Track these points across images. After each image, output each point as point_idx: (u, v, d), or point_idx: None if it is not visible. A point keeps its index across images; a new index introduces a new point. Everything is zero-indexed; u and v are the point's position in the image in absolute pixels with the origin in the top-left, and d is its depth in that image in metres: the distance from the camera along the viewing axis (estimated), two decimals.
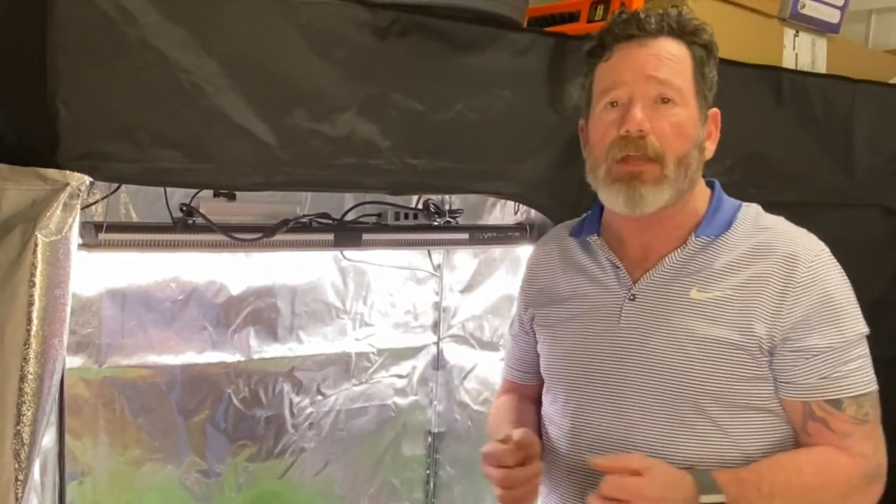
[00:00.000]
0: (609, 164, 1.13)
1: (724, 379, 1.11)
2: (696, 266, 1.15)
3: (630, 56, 1.13)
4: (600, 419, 1.17)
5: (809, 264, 1.12)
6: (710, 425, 1.12)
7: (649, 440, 1.13)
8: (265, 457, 2.04)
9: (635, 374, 1.15)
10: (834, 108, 2.02)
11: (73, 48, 1.12)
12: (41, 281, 1.09)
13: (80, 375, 1.76)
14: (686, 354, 1.12)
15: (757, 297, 1.11)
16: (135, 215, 1.74)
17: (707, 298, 1.13)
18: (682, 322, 1.13)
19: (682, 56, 1.13)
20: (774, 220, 1.20)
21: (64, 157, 1.12)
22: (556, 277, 1.28)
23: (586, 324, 1.21)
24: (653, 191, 1.10)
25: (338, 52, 1.33)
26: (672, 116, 1.11)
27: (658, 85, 1.11)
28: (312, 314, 2.07)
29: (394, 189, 1.49)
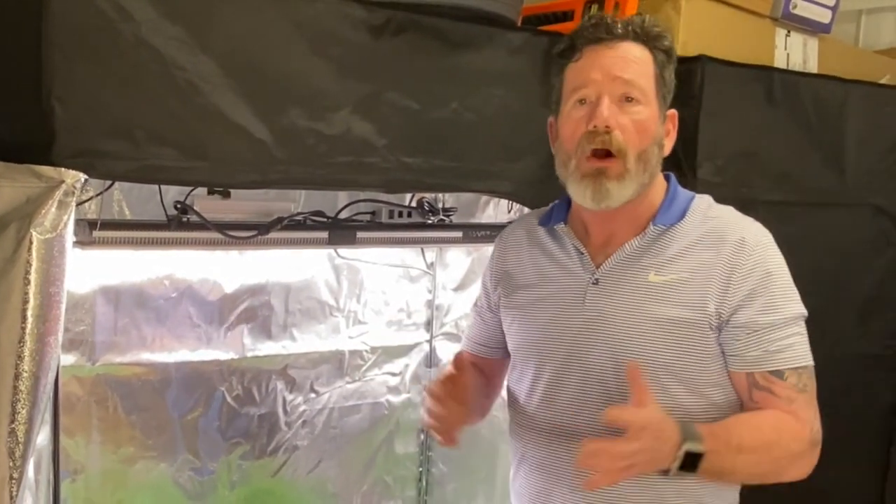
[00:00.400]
0: (578, 159, 1.21)
1: (680, 355, 1.20)
2: (653, 252, 1.24)
3: (598, 57, 1.21)
4: (567, 393, 1.26)
5: (754, 249, 1.22)
6: (667, 399, 1.19)
7: (592, 411, 1.21)
8: (258, 455, 2.04)
9: (599, 352, 1.23)
10: (825, 108, 2.03)
11: (69, 45, 1.12)
12: (36, 278, 1.08)
13: (73, 373, 1.75)
14: (645, 333, 1.21)
15: (708, 278, 1.21)
16: (128, 213, 1.74)
17: (664, 281, 1.22)
18: (641, 303, 1.22)
19: (645, 59, 1.22)
20: (723, 210, 1.29)
21: (59, 154, 1.12)
22: (525, 261, 1.35)
23: (554, 305, 1.29)
24: (617, 186, 1.19)
25: (333, 50, 1.33)
26: (635, 114, 1.20)
27: (623, 84, 1.19)
28: (306, 312, 2.07)
29: (389, 187, 1.50)
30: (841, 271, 2.18)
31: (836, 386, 2.18)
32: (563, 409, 1.26)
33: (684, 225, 1.25)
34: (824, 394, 1.54)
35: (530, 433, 1.32)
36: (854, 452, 2.30)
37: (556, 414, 1.27)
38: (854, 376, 2.24)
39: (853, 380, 2.24)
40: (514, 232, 1.41)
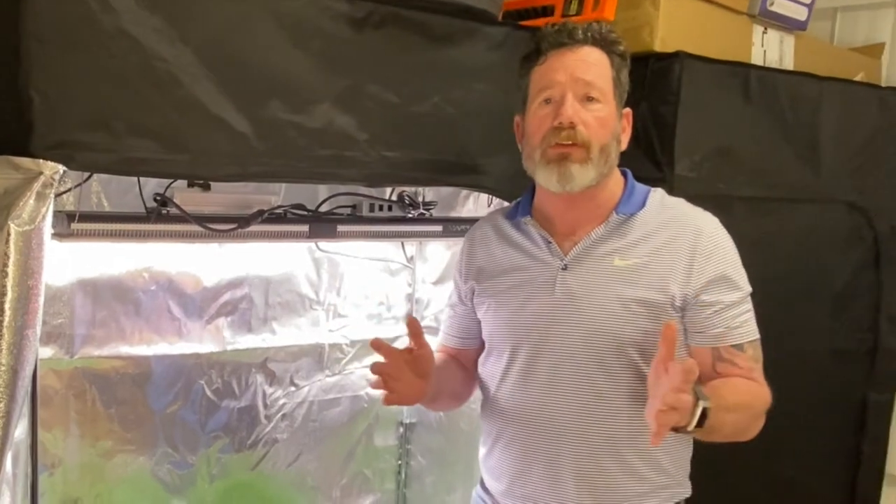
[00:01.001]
0: (543, 149, 1.31)
1: (645, 333, 1.30)
2: (616, 238, 1.35)
3: (562, 60, 1.32)
4: (541, 374, 1.35)
5: (711, 235, 1.34)
6: (634, 373, 1.31)
7: (584, 392, 1.32)
8: (238, 448, 2.04)
9: (571, 332, 1.33)
10: (801, 105, 2.06)
11: (47, 36, 1.11)
12: (14, 271, 1.08)
13: (50, 366, 1.74)
14: (613, 313, 1.31)
15: (669, 262, 1.32)
16: (107, 204, 1.72)
17: (627, 265, 1.33)
18: (608, 285, 1.32)
19: (604, 62, 1.33)
20: (677, 201, 1.41)
21: (37, 145, 1.11)
22: (495, 254, 1.44)
23: (525, 292, 1.38)
24: (580, 169, 1.30)
25: (314, 43, 1.33)
26: (596, 111, 1.31)
27: (585, 85, 1.30)
28: (286, 305, 2.07)
29: (370, 181, 1.50)
30: (814, 266, 2.22)
31: (809, 378, 2.22)
32: (538, 389, 1.35)
33: (644, 214, 1.36)
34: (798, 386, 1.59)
35: (505, 414, 1.40)
36: (826, 444, 2.34)
37: (530, 394, 1.36)
38: (827, 369, 2.28)
39: (826, 373, 2.27)
40: (482, 228, 1.50)
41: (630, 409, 1.31)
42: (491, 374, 1.44)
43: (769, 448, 2.09)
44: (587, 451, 1.32)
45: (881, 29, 2.56)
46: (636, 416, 1.28)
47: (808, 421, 2.22)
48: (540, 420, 1.35)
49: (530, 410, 1.36)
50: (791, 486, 2.19)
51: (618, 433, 1.32)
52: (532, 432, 1.36)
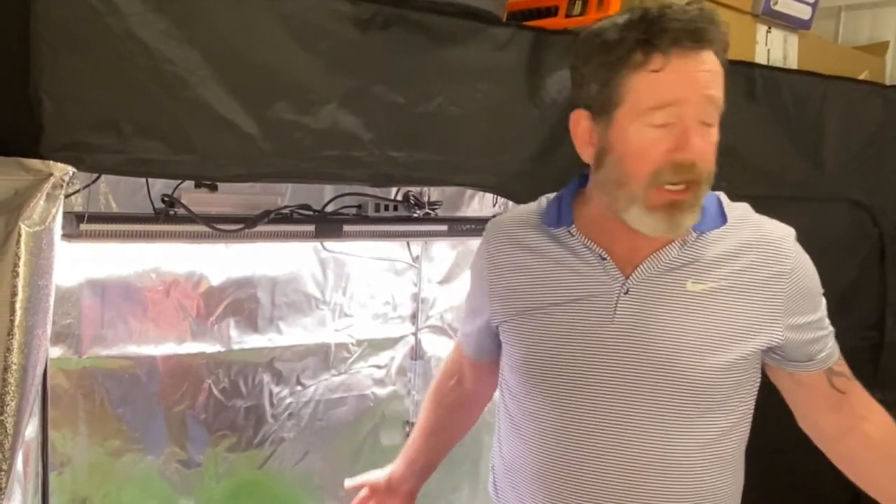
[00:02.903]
0: (650, 187, 1.06)
1: (726, 372, 1.12)
2: (689, 259, 1.14)
3: (688, 72, 1.04)
4: (593, 415, 1.14)
5: (792, 250, 1.17)
6: (714, 425, 1.13)
7: (645, 435, 1.12)
8: (245, 447, 2.05)
9: (632, 369, 1.12)
10: (805, 104, 2.06)
11: (57, 38, 1.12)
12: (24, 271, 1.09)
13: (59, 366, 1.75)
14: (690, 347, 1.10)
15: (751, 285, 1.13)
16: (115, 206, 1.73)
17: (703, 290, 1.12)
18: (679, 316, 1.11)
19: (720, 68, 1.07)
20: (746, 208, 1.21)
21: (47, 147, 1.12)
22: (524, 269, 1.20)
23: (574, 318, 1.15)
24: (690, 215, 1.09)
25: (320, 44, 1.34)
26: (710, 136, 1.08)
27: (710, 104, 1.06)
28: (292, 305, 2.08)
29: (375, 181, 1.51)
30: (819, 265, 2.21)
31: None
32: (587, 430, 1.13)
33: (723, 229, 1.15)
34: None
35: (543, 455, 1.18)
36: None
37: (579, 436, 1.14)
38: None
39: None
40: (499, 235, 1.25)
41: (701, 457, 1.12)
42: (526, 412, 1.21)
43: (774, 447, 2.09)
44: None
45: (885, 27, 2.56)
46: (707, 463, 1.12)
47: None
48: (590, 470, 1.12)
49: (577, 457, 1.14)
50: (796, 485, 2.19)
51: (693, 490, 1.12)
52: (577, 485, 1.13)
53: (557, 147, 1.60)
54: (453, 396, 1.49)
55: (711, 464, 1.14)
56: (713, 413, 1.13)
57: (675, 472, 1.12)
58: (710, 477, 1.14)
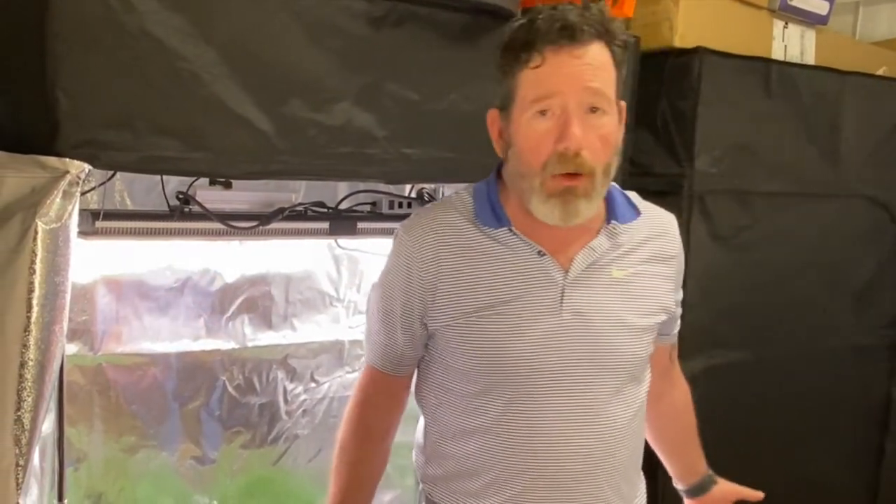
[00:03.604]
0: (544, 179, 1.12)
1: (648, 346, 1.26)
2: (613, 248, 1.23)
3: (562, 65, 1.10)
4: (544, 404, 1.19)
5: (677, 235, 1.31)
6: (638, 388, 1.27)
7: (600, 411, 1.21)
8: (259, 443, 2.05)
9: (580, 354, 1.19)
10: (822, 100, 2.04)
11: (72, 37, 1.12)
12: (41, 268, 1.09)
13: (75, 363, 1.76)
14: (624, 329, 1.22)
15: (658, 270, 1.27)
16: (130, 203, 1.74)
17: (625, 276, 1.23)
18: (609, 301, 1.21)
19: (608, 62, 1.13)
20: (638, 197, 1.29)
21: (63, 144, 1.13)
22: (467, 271, 1.20)
23: (521, 313, 1.18)
24: (586, 203, 1.14)
25: (334, 41, 1.34)
26: (601, 128, 1.12)
27: (592, 95, 1.11)
28: (306, 302, 2.08)
29: (389, 178, 1.51)
30: (836, 262, 2.20)
31: (831, 375, 2.21)
32: (543, 422, 1.19)
33: (637, 220, 1.25)
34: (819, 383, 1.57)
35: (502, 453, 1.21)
36: (848, 441, 2.33)
37: (534, 429, 1.19)
38: (849, 366, 2.26)
39: (848, 369, 2.26)
40: (438, 236, 1.22)
41: (632, 421, 1.25)
42: (476, 410, 1.22)
43: (791, 446, 2.08)
44: (613, 476, 1.23)
45: None
46: (634, 425, 1.26)
47: (829, 418, 2.20)
48: (563, 457, 1.19)
49: (546, 447, 1.19)
50: (813, 484, 2.18)
51: (633, 450, 1.28)
52: (554, 472, 1.19)
53: None
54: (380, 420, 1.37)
55: (640, 423, 1.30)
56: (642, 381, 1.28)
57: (621, 438, 1.23)
58: (640, 434, 1.30)
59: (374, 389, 1.35)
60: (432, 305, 1.22)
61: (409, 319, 1.25)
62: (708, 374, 1.89)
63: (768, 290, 2.01)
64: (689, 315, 1.39)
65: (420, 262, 1.21)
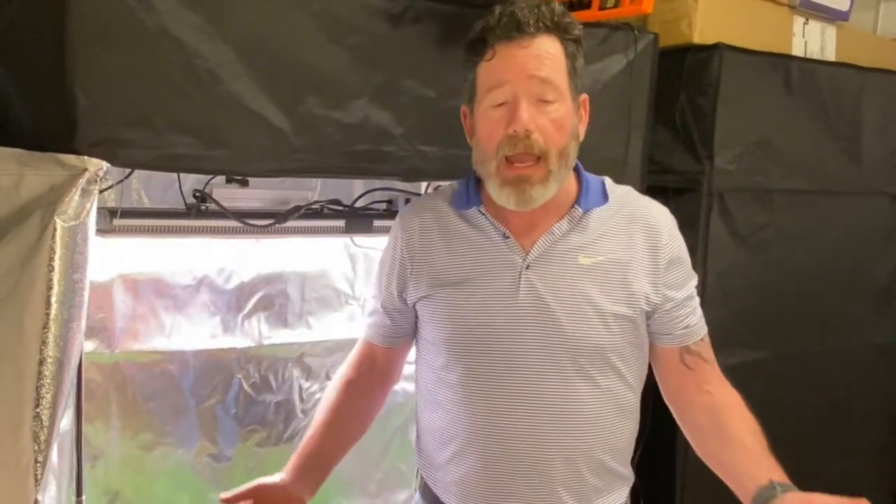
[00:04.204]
0: (499, 162, 1.20)
1: (621, 336, 1.25)
2: (580, 235, 1.26)
3: (510, 56, 1.18)
4: (501, 382, 1.25)
5: (669, 232, 1.29)
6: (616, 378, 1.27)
7: (564, 401, 1.24)
8: (275, 441, 2.05)
9: (536, 337, 1.23)
10: (842, 97, 2.02)
11: (91, 35, 1.13)
12: (60, 265, 1.10)
13: (92, 360, 1.77)
14: (585, 316, 1.23)
15: (634, 259, 1.26)
16: (147, 201, 1.75)
17: (594, 263, 1.25)
18: (574, 286, 1.23)
19: (558, 53, 1.20)
20: (627, 190, 1.33)
21: (82, 142, 1.13)
22: (440, 250, 1.31)
23: (483, 294, 1.26)
24: (541, 189, 1.20)
25: (351, 39, 1.34)
26: (552, 112, 1.19)
27: (540, 84, 1.18)
28: (322, 300, 2.08)
29: (406, 176, 1.50)
30: (856, 260, 2.18)
31: (852, 374, 2.19)
32: (500, 400, 1.24)
33: (607, 208, 1.27)
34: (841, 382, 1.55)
35: (468, 429, 1.28)
36: (869, 441, 2.30)
37: (492, 406, 1.25)
38: (869, 365, 2.24)
39: (869, 368, 2.24)
40: (421, 217, 1.35)
41: (604, 409, 1.26)
42: (442, 380, 1.31)
43: (811, 445, 2.06)
44: (572, 461, 1.25)
45: None
46: (610, 414, 1.26)
47: (851, 417, 2.18)
48: (511, 426, 1.24)
49: (502, 425, 1.24)
50: (833, 484, 2.16)
51: (599, 437, 1.26)
52: (509, 450, 1.24)
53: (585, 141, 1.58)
54: (363, 382, 1.48)
55: (611, 413, 1.27)
56: (608, 371, 1.25)
57: (582, 422, 1.24)
58: (611, 424, 1.27)
59: (359, 354, 1.51)
60: (410, 279, 1.34)
61: (389, 291, 1.38)
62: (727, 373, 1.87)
63: (788, 289, 1.99)
64: (708, 313, 1.37)
65: (403, 240, 1.35)
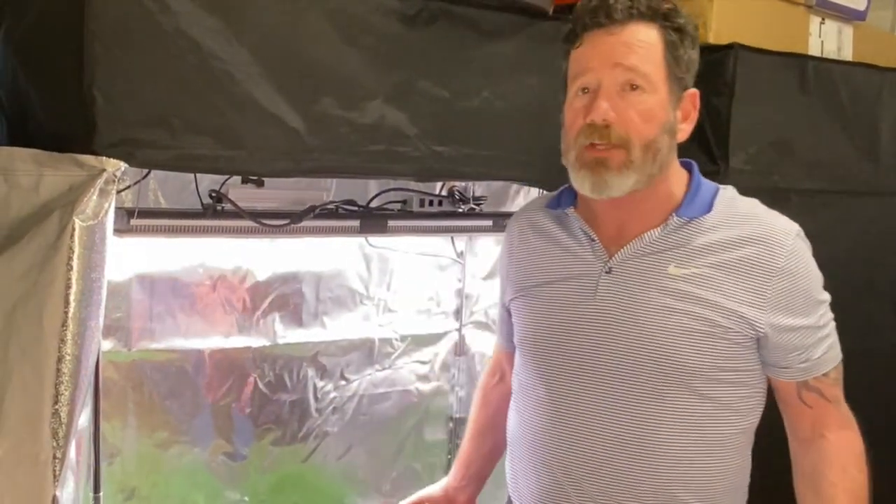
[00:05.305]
0: (578, 150, 1.16)
1: (707, 356, 1.15)
2: (674, 244, 1.18)
3: (598, 43, 1.15)
4: (573, 390, 1.20)
5: (789, 247, 1.16)
6: (694, 401, 1.16)
7: (626, 417, 1.17)
8: (289, 440, 2.06)
9: (609, 347, 1.17)
10: (860, 96, 2.01)
11: (110, 37, 1.14)
12: (78, 264, 1.11)
13: (109, 359, 1.78)
14: (664, 329, 1.15)
15: (738, 279, 1.14)
16: (163, 201, 1.76)
17: (685, 274, 1.16)
18: (658, 297, 1.16)
19: (652, 41, 1.14)
20: (751, 203, 1.23)
21: (100, 143, 1.15)
22: (531, 249, 1.30)
23: (561, 295, 1.22)
24: (617, 176, 1.13)
25: (366, 39, 1.35)
26: (640, 103, 1.13)
27: (625, 72, 1.12)
28: (336, 300, 2.09)
29: (421, 176, 1.51)
30: (874, 261, 2.16)
31: (871, 377, 2.16)
32: (571, 405, 1.20)
33: (710, 218, 1.18)
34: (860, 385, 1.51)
35: (536, 435, 1.25)
36: (886, 445, 2.28)
37: (562, 410, 1.20)
38: (887, 367, 2.22)
39: (889, 371, 2.21)
40: (520, 218, 1.36)
41: (685, 440, 1.15)
42: (522, 386, 1.29)
43: None
44: (635, 489, 1.16)
45: None
46: (693, 447, 1.15)
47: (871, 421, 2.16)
48: (574, 447, 1.19)
49: (562, 434, 1.20)
50: None
51: (675, 471, 1.15)
52: (563, 461, 1.20)
53: None
54: (497, 393, 1.49)
55: (696, 449, 1.16)
56: (689, 395, 1.15)
57: (654, 450, 1.15)
58: (695, 462, 1.16)
59: (493, 360, 1.54)
60: (508, 279, 1.35)
61: (503, 291, 1.39)
62: None
63: None
64: None
65: (506, 240, 1.38)
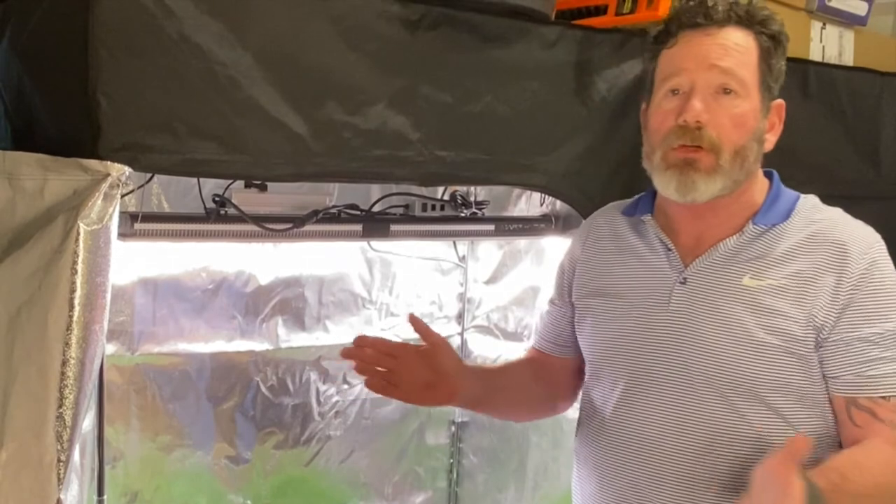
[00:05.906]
0: (664, 151, 1.13)
1: (781, 369, 1.11)
2: (751, 254, 1.15)
3: (694, 44, 1.12)
4: (646, 400, 1.17)
5: (863, 256, 1.12)
6: (768, 416, 1.11)
7: (699, 430, 1.13)
8: (292, 444, 2.07)
9: (683, 359, 1.14)
10: (861, 101, 2.01)
11: (114, 42, 1.14)
12: (83, 269, 1.11)
13: (113, 362, 1.79)
14: (737, 341, 1.11)
15: (811, 287, 1.11)
16: (167, 206, 1.77)
17: (760, 286, 1.12)
18: (733, 308, 1.12)
19: (748, 46, 1.13)
20: (831, 212, 1.20)
21: (105, 148, 1.15)
22: (605, 255, 1.27)
23: (635, 305, 1.19)
24: (706, 179, 1.11)
25: (369, 45, 1.35)
26: (733, 108, 1.11)
27: (721, 75, 1.11)
28: (339, 304, 2.10)
29: (423, 180, 1.51)
30: None
31: None
32: (640, 418, 1.17)
33: (787, 226, 1.15)
34: None
35: (601, 442, 1.22)
36: None
37: (631, 422, 1.18)
38: None
39: None
40: (596, 221, 1.34)
41: (758, 456, 1.06)
42: (590, 397, 1.27)
43: None
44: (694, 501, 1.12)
45: None
46: None
47: None
48: (639, 456, 1.16)
49: (629, 444, 1.17)
50: None
51: (739, 483, 1.09)
52: (630, 473, 1.16)
53: (606, 146, 1.59)
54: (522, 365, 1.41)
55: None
56: (761, 408, 1.12)
57: (721, 461, 1.12)
58: None
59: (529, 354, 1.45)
60: (573, 281, 1.32)
61: (559, 292, 1.36)
62: None
63: None
64: None
65: (572, 243, 1.36)
